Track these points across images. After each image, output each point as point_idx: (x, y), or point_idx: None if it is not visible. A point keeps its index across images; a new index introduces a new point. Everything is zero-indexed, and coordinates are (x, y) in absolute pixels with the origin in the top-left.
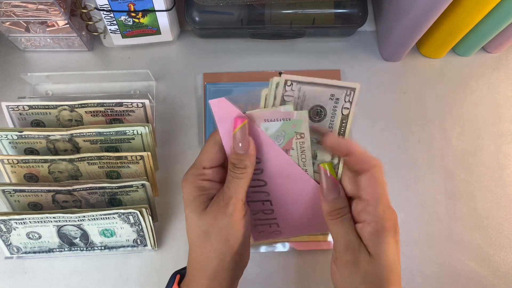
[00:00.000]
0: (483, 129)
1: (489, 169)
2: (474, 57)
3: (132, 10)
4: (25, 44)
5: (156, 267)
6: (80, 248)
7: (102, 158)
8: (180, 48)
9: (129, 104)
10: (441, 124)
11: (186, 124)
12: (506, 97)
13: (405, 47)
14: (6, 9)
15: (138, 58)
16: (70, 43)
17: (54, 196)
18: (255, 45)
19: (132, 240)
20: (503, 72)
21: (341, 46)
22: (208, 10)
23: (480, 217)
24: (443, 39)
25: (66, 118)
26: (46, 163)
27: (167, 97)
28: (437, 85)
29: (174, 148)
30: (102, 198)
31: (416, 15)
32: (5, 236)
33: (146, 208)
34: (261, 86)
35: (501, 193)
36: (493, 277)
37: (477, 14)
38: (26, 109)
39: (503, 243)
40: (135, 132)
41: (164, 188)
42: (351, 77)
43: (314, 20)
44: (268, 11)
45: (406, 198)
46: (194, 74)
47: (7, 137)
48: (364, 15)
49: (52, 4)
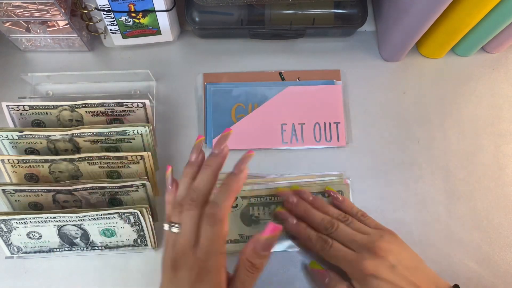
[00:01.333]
0: (483, 129)
1: (488, 169)
2: (474, 57)
3: (133, 10)
4: (25, 44)
5: (157, 267)
6: (81, 248)
7: (103, 158)
8: (180, 48)
9: (129, 104)
10: (441, 124)
11: (186, 124)
12: (505, 97)
13: (404, 47)
14: (7, 9)
15: (139, 58)
16: (71, 43)
17: (54, 196)
18: (255, 45)
19: (133, 240)
20: (502, 72)
21: (341, 46)
22: (208, 10)
23: (480, 217)
24: (443, 39)
25: (66, 118)
26: (47, 163)
27: (167, 97)
28: (437, 85)
29: (174, 148)
30: (103, 198)
31: (416, 15)
32: (6, 236)
33: (146, 208)
34: (261, 86)
35: (501, 193)
36: (492, 277)
37: (477, 14)
38: (27, 109)
39: (502, 243)
40: (135, 132)
41: (164, 188)
42: (351, 77)
43: (314, 20)
44: (268, 11)
45: (406, 198)
46: (194, 74)
47: (7, 137)
48: (364, 15)
49: (52, 4)
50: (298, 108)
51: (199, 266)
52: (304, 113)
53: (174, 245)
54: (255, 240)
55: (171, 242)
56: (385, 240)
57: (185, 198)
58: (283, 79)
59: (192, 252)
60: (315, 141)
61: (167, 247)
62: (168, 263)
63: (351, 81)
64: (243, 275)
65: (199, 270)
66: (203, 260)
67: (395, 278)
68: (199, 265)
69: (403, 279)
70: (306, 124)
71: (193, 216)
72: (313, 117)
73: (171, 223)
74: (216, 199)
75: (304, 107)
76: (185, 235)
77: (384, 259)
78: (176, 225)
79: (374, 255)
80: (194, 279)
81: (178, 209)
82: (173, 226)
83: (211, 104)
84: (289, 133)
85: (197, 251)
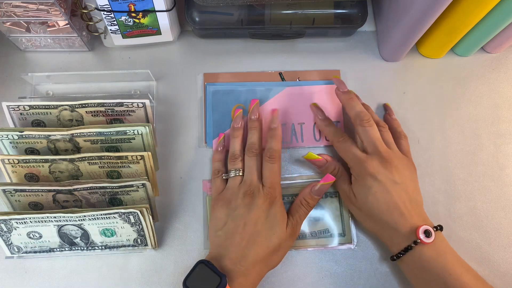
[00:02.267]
0: (483, 129)
1: (488, 169)
2: (474, 57)
3: (133, 10)
4: (25, 44)
5: (157, 267)
6: (81, 248)
7: (103, 158)
8: (181, 48)
9: (129, 104)
10: (440, 124)
11: (186, 124)
12: (505, 97)
13: (404, 47)
14: (7, 9)
15: (139, 58)
16: (71, 43)
17: (54, 196)
18: (255, 45)
19: (133, 239)
20: (502, 72)
21: (341, 46)
22: (208, 10)
23: (480, 217)
24: (443, 39)
25: (66, 118)
26: (47, 163)
27: (167, 97)
28: (437, 85)
29: (174, 148)
30: (103, 197)
31: (416, 15)
32: (6, 236)
33: (146, 207)
34: (261, 86)
35: (501, 193)
36: (492, 277)
37: (477, 14)
38: (27, 109)
39: (502, 243)
40: (135, 132)
41: (164, 188)
42: (351, 77)
43: (314, 21)
44: (268, 11)
45: None
46: (194, 74)
47: (7, 137)
48: (364, 15)
49: (52, 4)
50: (298, 108)
51: (269, 193)
52: (304, 113)
53: (243, 182)
54: (313, 185)
55: (235, 182)
56: (403, 163)
57: (242, 150)
58: (283, 79)
59: (262, 185)
60: (315, 140)
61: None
62: (241, 194)
63: (351, 81)
64: (298, 209)
65: (270, 197)
66: (271, 189)
67: (390, 189)
68: (269, 193)
69: (398, 195)
70: (306, 124)
71: (256, 160)
72: (313, 117)
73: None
74: (270, 145)
75: (304, 107)
76: (253, 173)
77: (391, 173)
78: (239, 170)
79: (384, 164)
80: (268, 203)
81: (237, 159)
82: (238, 170)
83: (211, 104)
84: (289, 133)
85: (266, 183)
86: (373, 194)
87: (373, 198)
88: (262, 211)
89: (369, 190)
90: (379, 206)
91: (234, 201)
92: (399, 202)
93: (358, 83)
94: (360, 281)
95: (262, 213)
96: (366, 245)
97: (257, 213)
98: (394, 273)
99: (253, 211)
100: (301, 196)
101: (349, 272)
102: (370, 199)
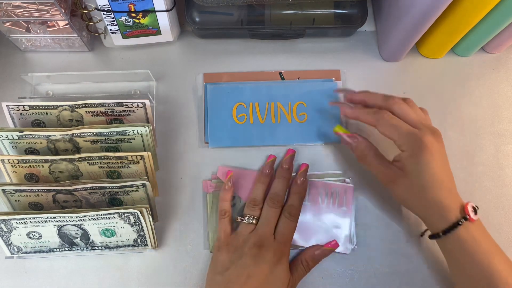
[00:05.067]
0: (483, 129)
1: (488, 169)
2: (474, 57)
3: (133, 10)
4: (25, 45)
5: (157, 267)
6: (81, 248)
7: (103, 158)
8: (180, 48)
9: (129, 104)
10: (441, 124)
11: (186, 124)
12: (505, 97)
13: (404, 47)
14: (7, 10)
15: (139, 59)
16: (71, 44)
17: (54, 196)
18: (255, 45)
19: (133, 240)
20: (502, 72)
21: (341, 46)
22: (208, 10)
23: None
24: (443, 39)
25: (66, 118)
26: (47, 163)
27: (167, 97)
28: (437, 85)
29: (174, 148)
30: (103, 198)
31: (416, 15)
32: (6, 236)
33: (146, 208)
34: (261, 86)
35: (501, 193)
36: None
37: (477, 15)
38: (27, 109)
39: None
40: (135, 132)
41: (164, 188)
42: (351, 77)
43: (314, 21)
44: (268, 11)
45: None
46: (194, 74)
47: (7, 137)
48: (364, 16)
49: (52, 4)
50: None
51: (280, 249)
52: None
53: (255, 231)
54: (316, 248)
55: (247, 230)
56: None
57: (264, 198)
58: (283, 79)
59: (274, 238)
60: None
61: (243, 234)
62: (251, 243)
63: (351, 81)
64: (298, 268)
65: (280, 253)
66: (282, 245)
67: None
68: (280, 249)
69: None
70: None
71: (275, 212)
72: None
73: (249, 216)
74: (293, 202)
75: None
76: (269, 225)
77: (443, 147)
78: (255, 218)
79: (437, 137)
80: (276, 259)
81: (257, 206)
82: (253, 218)
83: (211, 104)
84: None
85: (278, 238)
86: (430, 169)
87: (429, 174)
88: (268, 266)
89: (427, 165)
90: (433, 181)
91: (241, 248)
92: (451, 177)
93: (358, 83)
94: (360, 281)
95: (268, 269)
96: (366, 245)
97: (264, 267)
98: (394, 273)
99: (260, 264)
100: (303, 256)
101: (349, 272)
102: (424, 174)
